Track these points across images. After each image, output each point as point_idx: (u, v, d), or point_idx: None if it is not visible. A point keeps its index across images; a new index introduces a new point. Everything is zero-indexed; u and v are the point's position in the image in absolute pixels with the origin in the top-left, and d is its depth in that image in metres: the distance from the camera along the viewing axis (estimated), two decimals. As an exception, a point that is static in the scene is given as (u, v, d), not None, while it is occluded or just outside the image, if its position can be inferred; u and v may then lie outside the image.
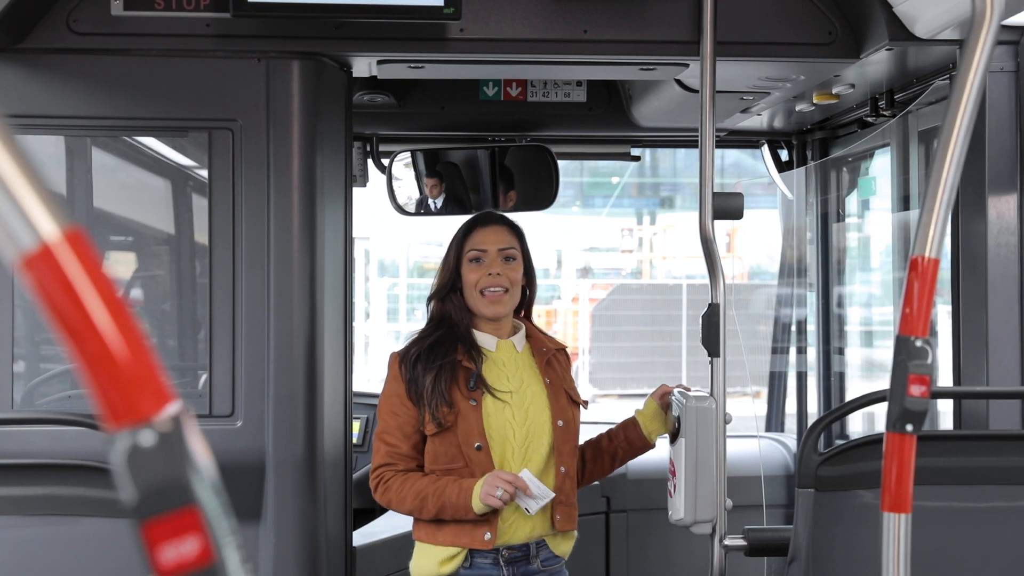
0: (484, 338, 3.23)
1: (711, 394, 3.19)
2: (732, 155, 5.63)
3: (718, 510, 3.14)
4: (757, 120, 4.35)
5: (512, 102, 4.30)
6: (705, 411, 3.14)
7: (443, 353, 3.15)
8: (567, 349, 3.46)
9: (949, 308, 3.38)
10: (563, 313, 17.40)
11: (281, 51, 3.10)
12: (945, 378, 3.48)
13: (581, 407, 3.32)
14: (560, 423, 3.16)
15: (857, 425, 4.78)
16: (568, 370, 3.37)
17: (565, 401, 3.22)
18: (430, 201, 4.39)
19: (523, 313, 3.39)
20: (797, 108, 4.02)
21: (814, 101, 3.81)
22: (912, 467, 1.96)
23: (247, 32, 3.08)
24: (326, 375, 3.18)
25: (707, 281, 3.22)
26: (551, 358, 3.29)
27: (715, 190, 3.19)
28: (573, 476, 3.22)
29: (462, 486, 3.05)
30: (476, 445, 3.08)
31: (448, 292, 3.25)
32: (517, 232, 3.31)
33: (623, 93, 4.38)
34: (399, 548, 3.63)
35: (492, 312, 3.19)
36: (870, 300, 5.01)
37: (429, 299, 3.30)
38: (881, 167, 4.40)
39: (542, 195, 4.32)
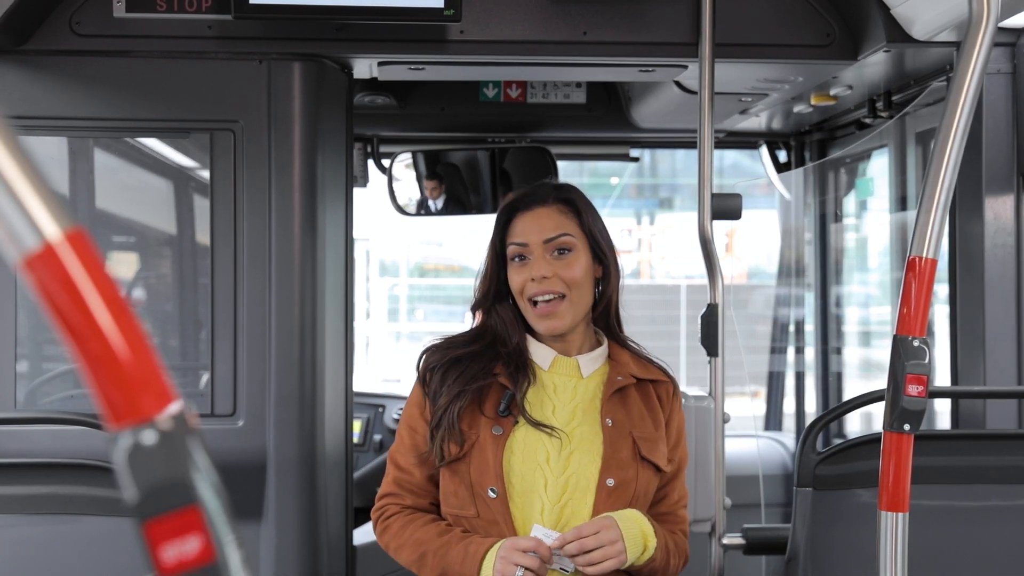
0: (539, 351, 2.46)
1: (710, 394, 3.20)
2: (731, 156, 5.65)
3: (717, 509, 3.16)
4: (755, 121, 4.36)
5: (512, 103, 4.31)
6: (704, 410, 3.16)
7: (474, 374, 2.42)
8: (672, 383, 2.55)
9: (947, 308, 3.39)
10: (563, 314, 17.30)
11: (282, 53, 3.11)
12: (943, 378, 3.49)
13: (659, 470, 2.44)
14: (610, 482, 2.35)
15: (855, 424, 4.79)
16: (660, 413, 2.48)
17: (629, 454, 2.38)
18: (430, 202, 4.41)
19: (607, 319, 2.53)
20: (795, 109, 4.03)
21: (812, 102, 3.82)
22: (909, 466, 1.97)
23: (248, 34, 3.09)
24: (327, 375, 3.19)
25: (706, 281, 3.23)
26: (627, 391, 2.45)
27: (714, 191, 3.20)
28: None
29: (468, 550, 2.32)
30: (491, 489, 2.34)
31: (493, 303, 2.49)
32: (574, 208, 2.46)
33: (622, 94, 4.39)
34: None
35: (546, 328, 2.41)
36: (868, 300, 5.02)
37: (473, 309, 2.55)
38: (879, 168, 4.42)
39: (541, 196, 4.33)
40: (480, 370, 2.42)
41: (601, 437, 2.39)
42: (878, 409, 2.25)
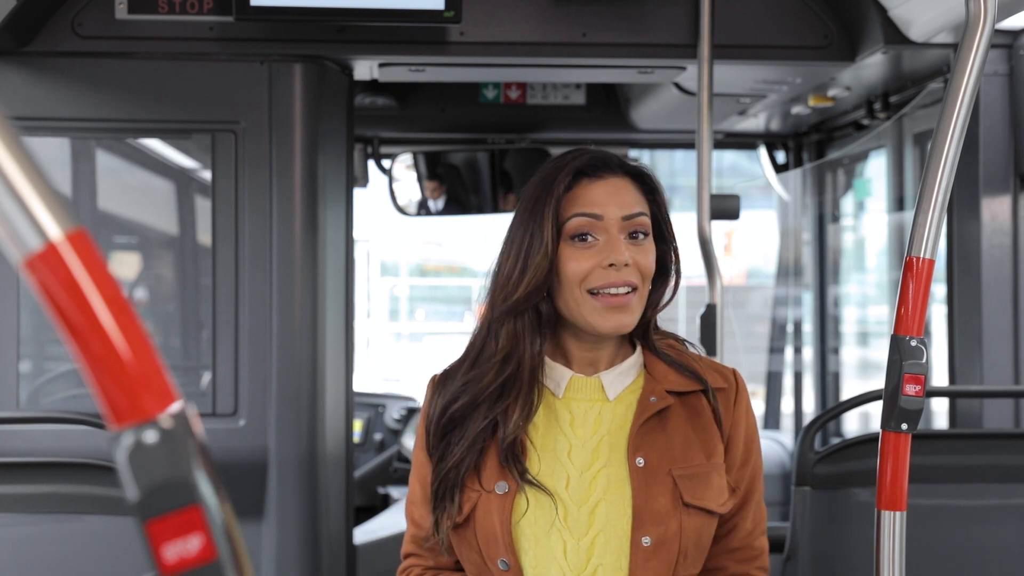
0: (551, 372, 1.92)
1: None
2: (729, 157, 5.68)
3: (715, 508, 3.16)
4: (754, 122, 4.37)
5: (512, 104, 4.33)
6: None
7: (481, 421, 1.89)
8: (734, 385, 1.99)
9: (944, 308, 3.41)
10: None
11: (283, 54, 3.12)
12: (940, 377, 3.50)
13: (714, 513, 1.90)
14: (646, 541, 1.83)
15: (853, 424, 4.80)
16: (716, 432, 1.93)
17: (668, 502, 1.84)
18: (430, 203, 4.42)
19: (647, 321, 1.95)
20: (793, 111, 4.05)
21: (810, 104, 3.83)
22: (907, 465, 1.98)
23: (250, 35, 3.10)
24: (328, 374, 3.20)
25: (704, 282, 3.24)
26: (668, 414, 1.90)
27: (712, 192, 3.22)
28: None
29: None
30: (500, 562, 1.85)
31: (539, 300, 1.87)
32: (648, 186, 1.93)
33: (621, 96, 4.40)
34: (400, 546, 3.65)
35: (615, 326, 1.85)
36: (865, 300, 5.04)
37: (493, 312, 1.91)
38: (876, 169, 4.44)
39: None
40: (487, 411, 1.89)
41: (629, 484, 1.85)
42: (876, 408, 2.25)
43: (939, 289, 3.42)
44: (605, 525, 1.84)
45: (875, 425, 3.37)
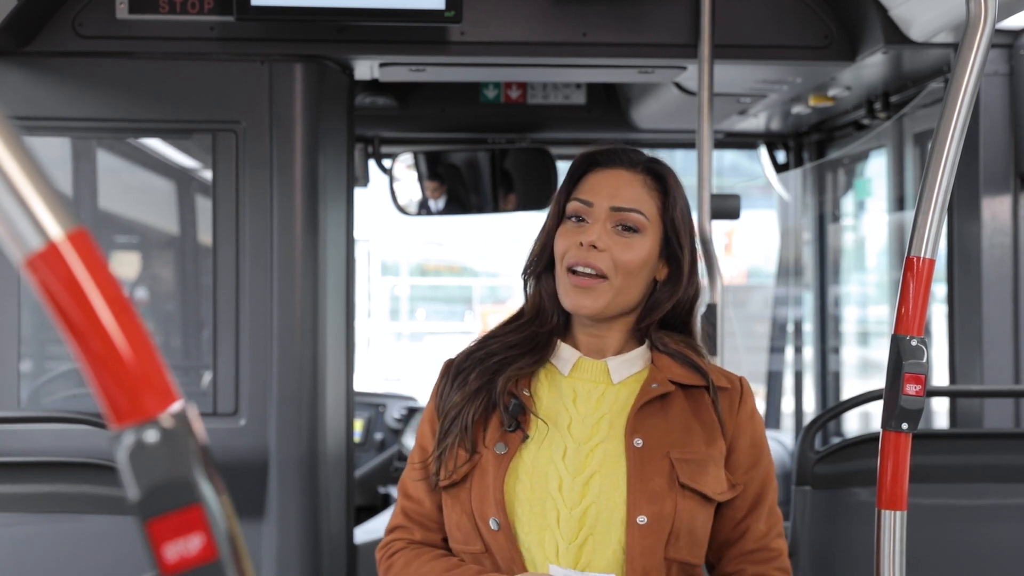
0: (561, 351, 2.02)
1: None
2: (730, 157, 5.70)
3: (715, 508, 3.16)
4: (754, 122, 4.38)
5: (512, 104, 4.33)
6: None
7: (496, 366, 2.00)
8: (739, 389, 2.03)
9: (945, 308, 3.41)
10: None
11: (284, 54, 3.12)
12: (940, 377, 3.51)
13: (710, 500, 1.96)
14: (641, 520, 1.88)
15: (853, 424, 4.81)
16: (719, 427, 1.98)
17: (664, 482, 1.90)
18: (431, 202, 4.43)
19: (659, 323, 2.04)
20: (794, 111, 4.05)
21: (810, 104, 3.83)
22: (907, 465, 1.98)
23: (251, 35, 3.10)
24: (328, 374, 3.20)
25: (705, 281, 3.25)
26: (670, 402, 1.97)
27: (713, 191, 3.22)
28: None
29: None
30: (492, 520, 1.90)
31: (543, 268, 2.04)
32: (661, 186, 2.00)
33: (621, 96, 4.41)
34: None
35: (574, 304, 1.94)
36: (866, 300, 5.04)
37: (524, 275, 2.08)
38: (877, 169, 4.44)
39: (541, 197, 4.36)
40: (501, 361, 1.99)
41: (625, 463, 1.91)
42: (876, 408, 2.25)
43: (939, 289, 3.43)
44: (597, 497, 1.90)
45: (875, 425, 3.37)
